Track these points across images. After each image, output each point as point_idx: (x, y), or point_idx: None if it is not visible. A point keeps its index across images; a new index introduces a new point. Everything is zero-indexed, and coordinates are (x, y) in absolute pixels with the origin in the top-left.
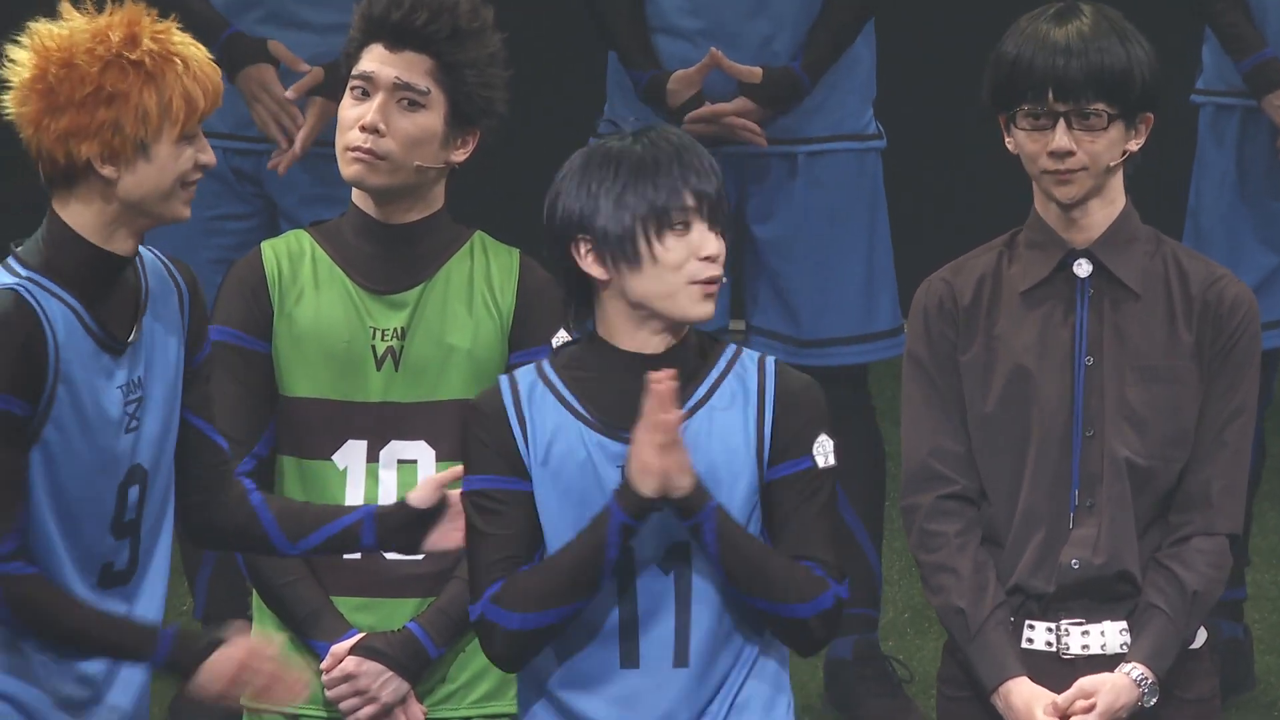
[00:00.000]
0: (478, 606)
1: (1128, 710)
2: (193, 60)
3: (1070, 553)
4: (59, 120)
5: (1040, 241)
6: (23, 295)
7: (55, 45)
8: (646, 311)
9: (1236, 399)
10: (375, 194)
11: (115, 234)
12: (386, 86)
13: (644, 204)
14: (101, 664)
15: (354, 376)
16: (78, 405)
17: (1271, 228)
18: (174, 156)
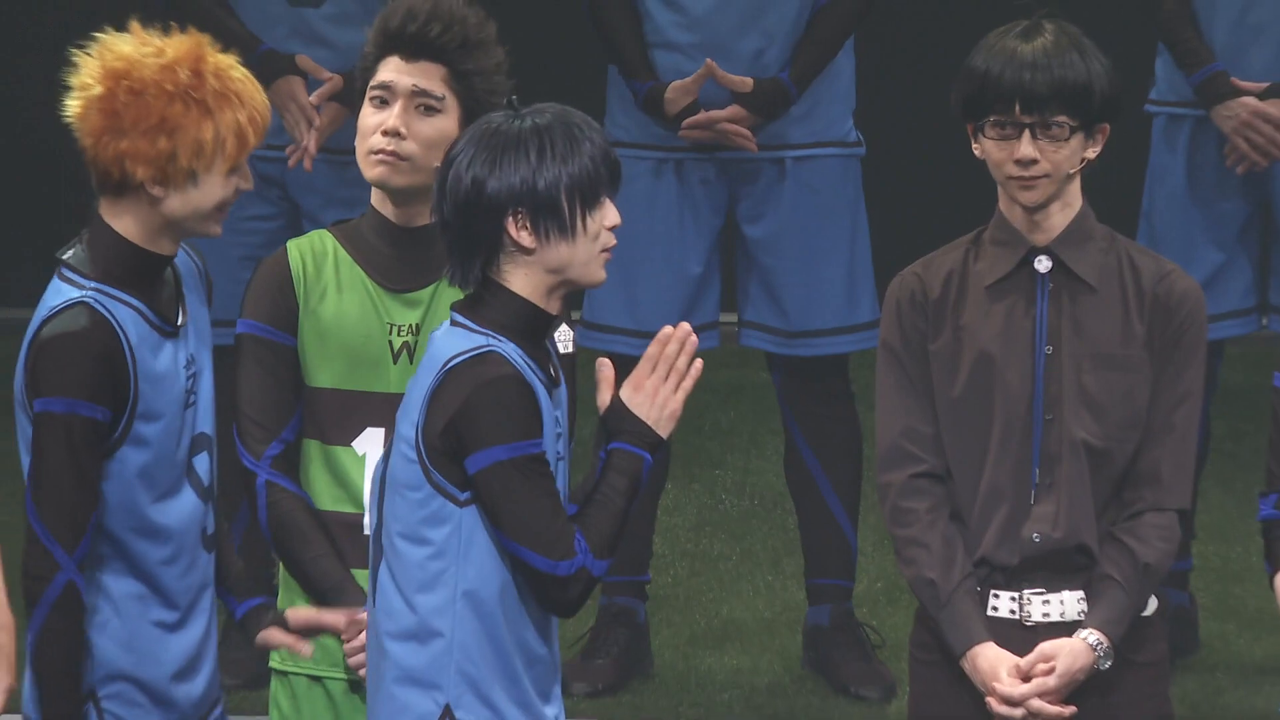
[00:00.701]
0: (577, 560)
1: (1085, 672)
2: (248, 97)
3: (1032, 527)
4: (119, 141)
5: (1004, 239)
6: (94, 307)
7: (123, 69)
8: (559, 278)
9: (1184, 385)
10: (396, 194)
11: (159, 240)
12: (405, 94)
13: (577, 179)
14: (199, 636)
15: (372, 369)
16: (157, 395)
17: (1219, 228)
18: (220, 185)
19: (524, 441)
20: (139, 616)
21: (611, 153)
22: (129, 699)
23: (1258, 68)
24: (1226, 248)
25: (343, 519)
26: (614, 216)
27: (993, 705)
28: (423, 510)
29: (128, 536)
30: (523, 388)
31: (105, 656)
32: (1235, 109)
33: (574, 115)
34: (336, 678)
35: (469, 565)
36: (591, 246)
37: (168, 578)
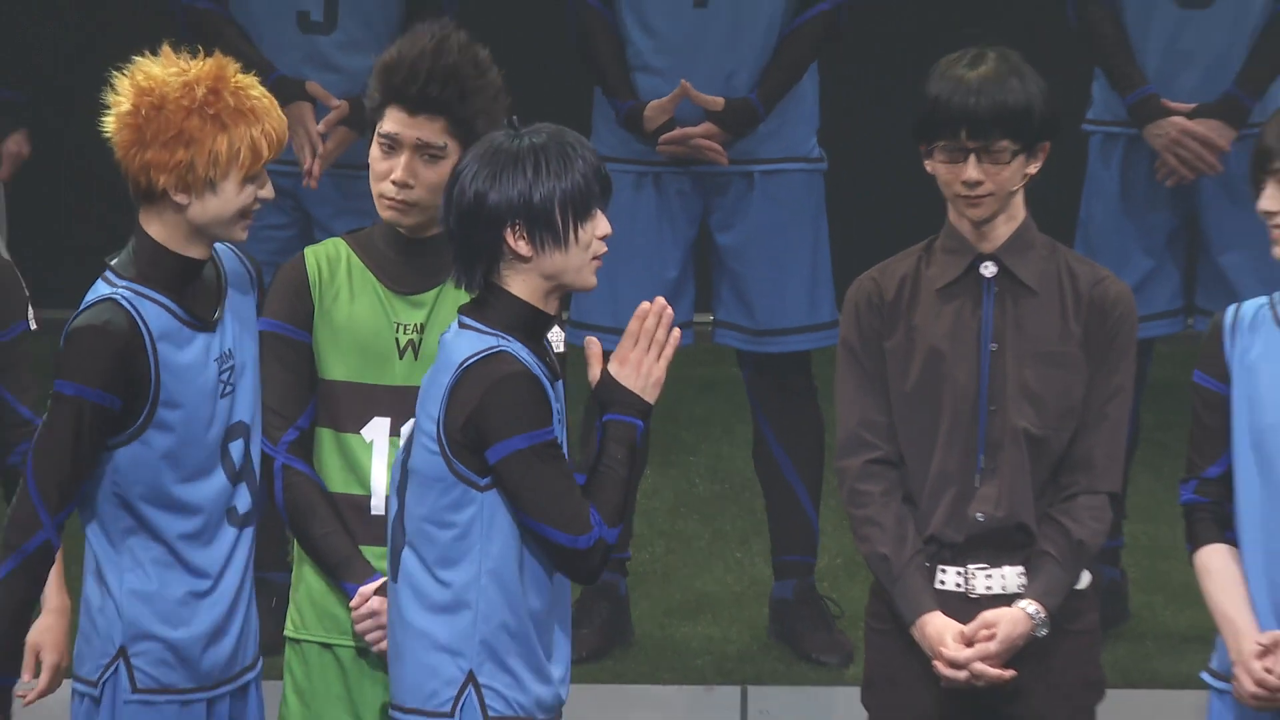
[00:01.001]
0: (594, 533)
1: (1023, 639)
2: (264, 114)
3: (976, 508)
4: (144, 153)
5: (953, 247)
6: (120, 303)
7: (149, 87)
8: (554, 284)
9: (1116, 380)
10: (407, 229)
11: (190, 244)
12: (410, 146)
13: (570, 193)
14: (227, 604)
15: (380, 364)
16: (183, 387)
17: (1149, 237)
18: (237, 193)
19: (538, 430)
20: (167, 583)
21: (603, 169)
22: (157, 658)
23: (1186, 90)
24: (1156, 255)
25: (351, 500)
26: (605, 227)
27: (939, 669)
28: (447, 497)
29: (150, 511)
30: (533, 382)
31: (134, 617)
32: (1165, 128)
33: (568, 135)
34: (345, 645)
35: (492, 544)
36: (583, 255)
37: (190, 549)
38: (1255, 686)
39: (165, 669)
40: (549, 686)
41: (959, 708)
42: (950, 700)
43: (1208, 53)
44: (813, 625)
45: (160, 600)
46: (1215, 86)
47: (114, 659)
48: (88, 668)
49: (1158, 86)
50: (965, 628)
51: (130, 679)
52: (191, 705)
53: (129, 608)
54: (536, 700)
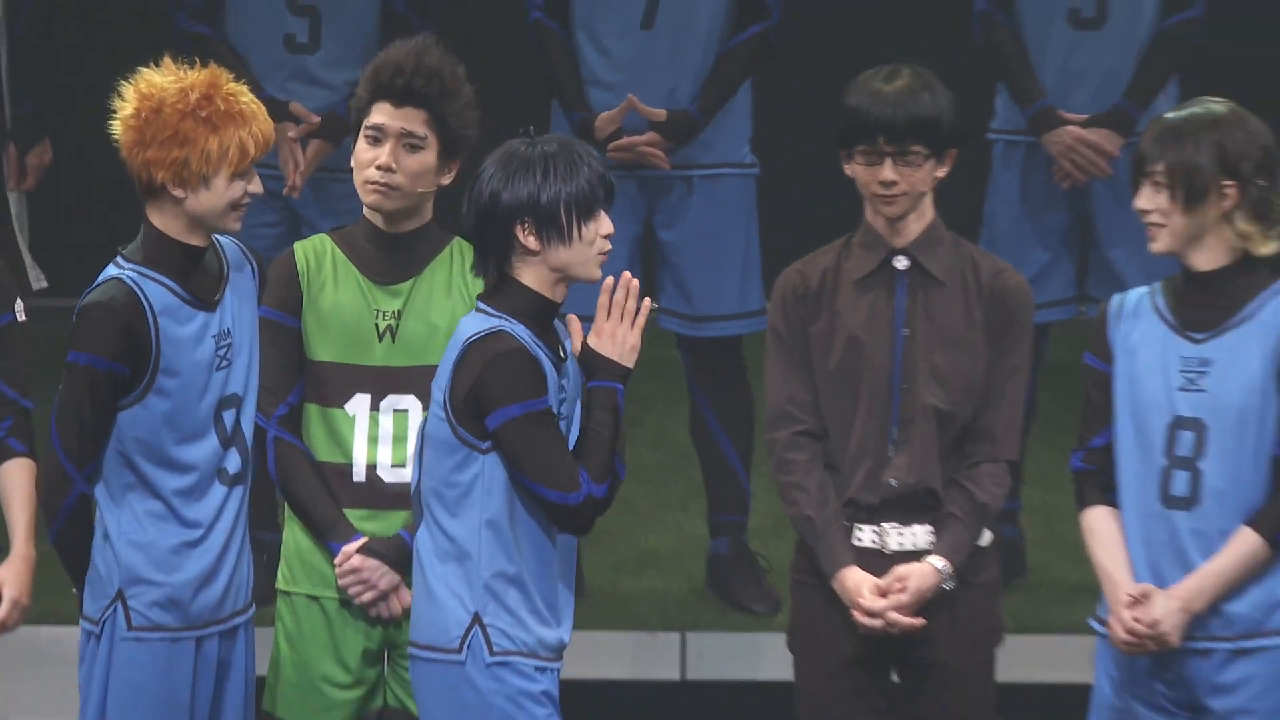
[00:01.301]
0: (583, 490)
1: (932, 591)
2: (251, 118)
3: (890, 474)
4: (144, 152)
5: (870, 242)
6: (125, 282)
7: (150, 92)
8: (560, 275)
9: (1014, 361)
10: (387, 214)
11: (189, 233)
12: (394, 135)
13: (575, 195)
14: (215, 554)
15: (362, 346)
16: (180, 356)
17: (1046, 233)
18: (227, 187)
19: (533, 400)
20: (160, 534)
21: (607, 175)
22: (150, 600)
23: (1079, 103)
24: (1052, 249)
25: (336, 468)
26: (607, 226)
27: (857, 618)
28: (452, 459)
29: (148, 468)
30: (527, 357)
31: (130, 564)
32: (1061, 136)
33: (577, 145)
34: (330, 597)
35: (491, 501)
36: (587, 250)
37: (182, 504)
38: (1125, 634)
39: (158, 610)
40: (550, 629)
41: (874, 652)
42: (866, 645)
43: (1099, 70)
44: (745, 578)
45: (154, 549)
46: (1105, 99)
47: (113, 601)
48: (92, 608)
49: (1054, 99)
50: (880, 581)
51: (126, 618)
52: (181, 643)
53: (126, 555)
54: (539, 639)
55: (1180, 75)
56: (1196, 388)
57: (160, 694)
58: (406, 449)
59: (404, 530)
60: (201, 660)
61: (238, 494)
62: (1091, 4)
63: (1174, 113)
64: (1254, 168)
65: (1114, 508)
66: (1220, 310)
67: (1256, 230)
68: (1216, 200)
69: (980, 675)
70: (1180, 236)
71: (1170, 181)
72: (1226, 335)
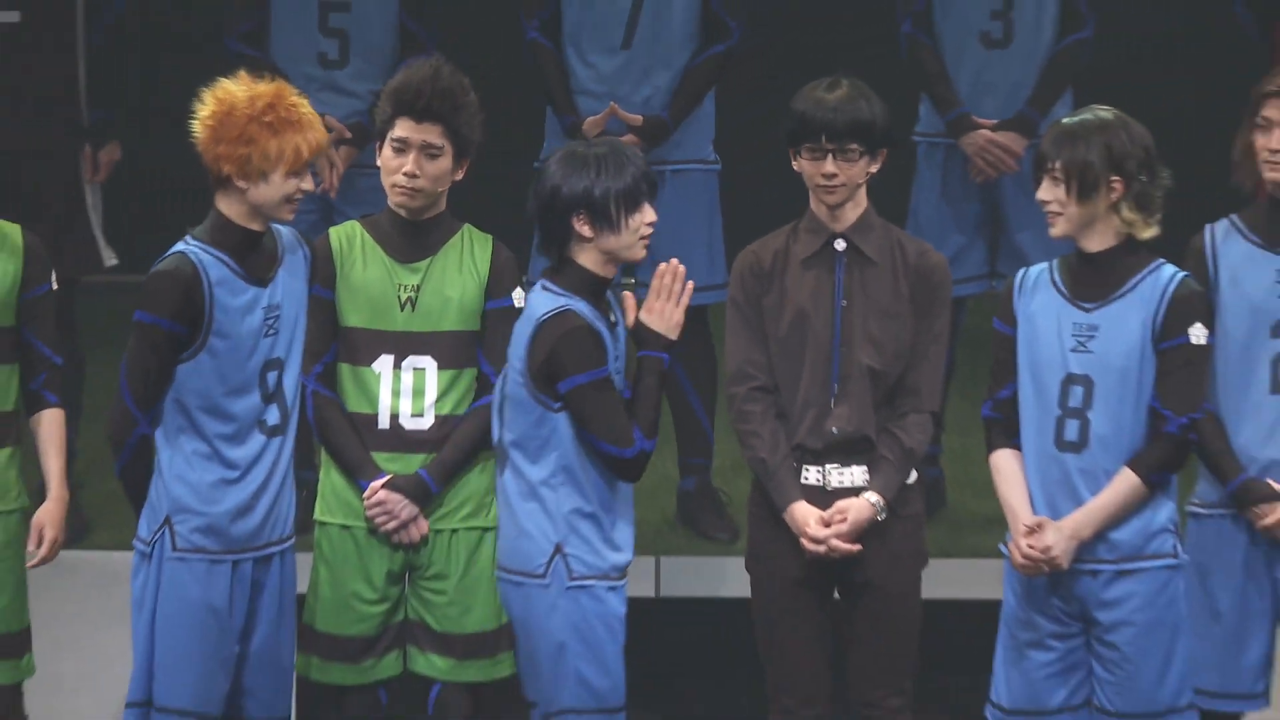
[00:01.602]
0: (637, 445)
1: (868, 522)
2: (307, 126)
3: (832, 423)
4: (216, 148)
5: (814, 228)
6: (188, 255)
7: (224, 98)
8: (610, 257)
9: (936, 327)
10: (411, 212)
11: (249, 220)
12: (417, 146)
13: (622, 190)
14: (253, 490)
15: (386, 314)
16: (230, 322)
17: (962, 220)
18: (282, 184)
19: (595, 369)
20: (204, 471)
21: (650, 173)
22: (193, 526)
23: (990, 110)
24: (968, 234)
25: (364, 417)
26: (650, 215)
27: (804, 544)
28: (531, 416)
29: (199, 414)
30: (591, 333)
31: (176, 494)
32: (975, 138)
33: (625, 148)
34: (360, 526)
35: (564, 449)
36: (633, 236)
37: (225, 447)
38: (1023, 558)
39: (198, 535)
40: (619, 553)
41: (818, 573)
42: (812, 568)
43: (1005, 82)
44: (709, 511)
45: (198, 484)
46: (1011, 107)
47: (161, 525)
48: (144, 531)
49: (969, 107)
50: (823, 513)
51: (172, 541)
52: (218, 565)
53: (174, 488)
54: (610, 564)
55: (1074, 86)
56: (1086, 349)
57: (199, 605)
58: (424, 401)
59: (422, 469)
60: (237, 579)
61: (276, 443)
62: (999, 27)
63: (1069, 118)
64: (1137, 165)
65: (1017, 450)
66: (1107, 285)
67: (1139, 218)
68: (1105, 193)
69: (908, 593)
70: (1075, 223)
71: (1066, 177)
72: (1112, 305)
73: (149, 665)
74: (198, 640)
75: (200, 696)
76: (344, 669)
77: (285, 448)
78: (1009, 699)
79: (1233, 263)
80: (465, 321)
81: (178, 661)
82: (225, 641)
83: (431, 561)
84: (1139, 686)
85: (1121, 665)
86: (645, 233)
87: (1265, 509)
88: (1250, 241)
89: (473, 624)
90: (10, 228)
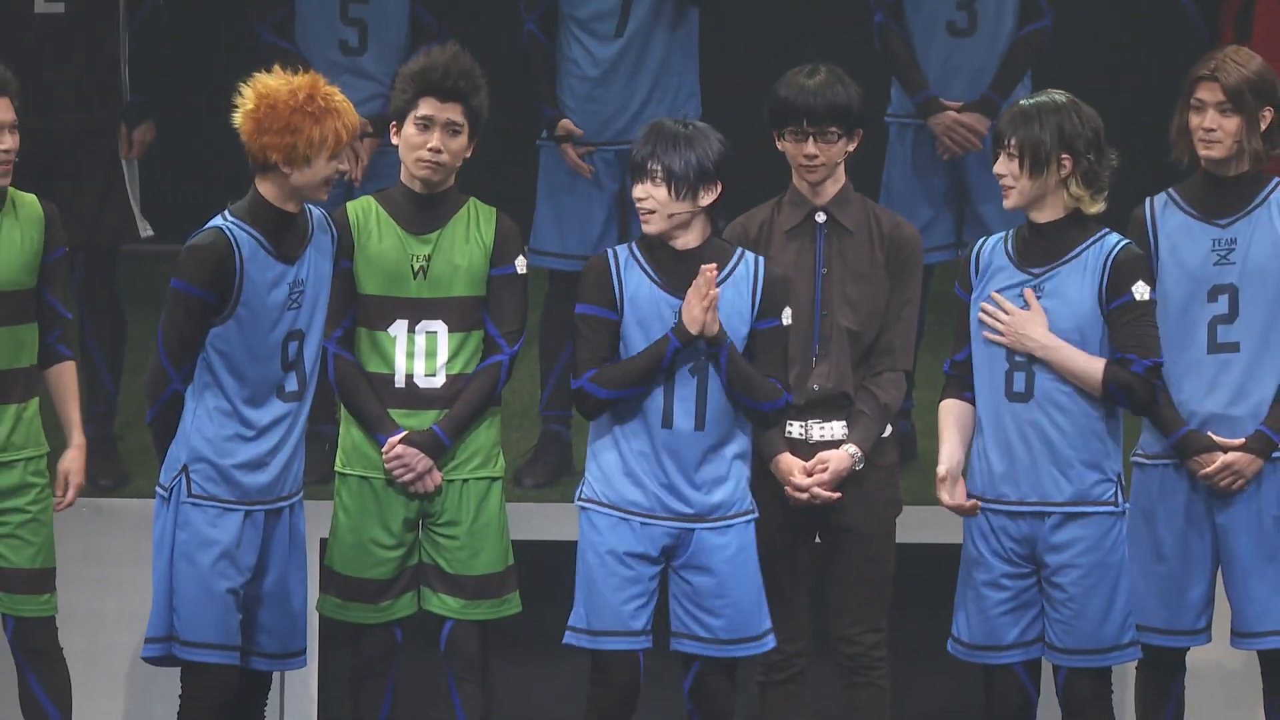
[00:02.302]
0: (579, 381)
1: (847, 471)
2: (344, 112)
3: (813, 381)
4: (262, 138)
5: (796, 201)
6: (224, 230)
7: (265, 92)
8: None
9: (908, 293)
10: (431, 184)
11: (286, 202)
12: (441, 124)
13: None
14: (268, 447)
15: (400, 282)
16: (257, 295)
17: (931, 195)
18: (324, 166)
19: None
20: (222, 425)
21: (634, 155)
22: (208, 475)
23: (956, 93)
24: (935, 207)
25: (381, 377)
26: (639, 192)
27: (789, 492)
28: None
29: (224, 375)
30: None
31: (195, 445)
32: (943, 119)
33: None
34: (377, 477)
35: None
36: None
37: (244, 407)
38: (943, 502)
39: (212, 484)
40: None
41: (801, 519)
42: (795, 513)
43: (970, 67)
44: None
45: (215, 437)
46: (976, 90)
47: (180, 472)
48: (165, 477)
49: (937, 90)
50: (806, 464)
51: (188, 487)
52: (229, 513)
53: (193, 438)
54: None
55: (1033, 71)
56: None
57: (211, 546)
58: (436, 362)
59: (436, 425)
60: (249, 527)
61: (293, 407)
62: (965, 17)
63: (1025, 100)
64: (1085, 145)
65: (964, 401)
66: (1054, 253)
67: (1086, 194)
68: (1055, 169)
69: (883, 536)
70: (1026, 196)
71: (1020, 153)
72: (1059, 271)
73: (169, 602)
74: (215, 578)
75: (220, 629)
76: (363, 609)
77: (301, 413)
78: (968, 634)
79: (1170, 232)
80: (473, 287)
81: (198, 599)
82: (237, 579)
83: (444, 509)
84: (1085, 625)
85: (1068, 605)
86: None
87: (1205, 459)
88: (1187, 213)
89: (482, 566)
90: (28, 198)
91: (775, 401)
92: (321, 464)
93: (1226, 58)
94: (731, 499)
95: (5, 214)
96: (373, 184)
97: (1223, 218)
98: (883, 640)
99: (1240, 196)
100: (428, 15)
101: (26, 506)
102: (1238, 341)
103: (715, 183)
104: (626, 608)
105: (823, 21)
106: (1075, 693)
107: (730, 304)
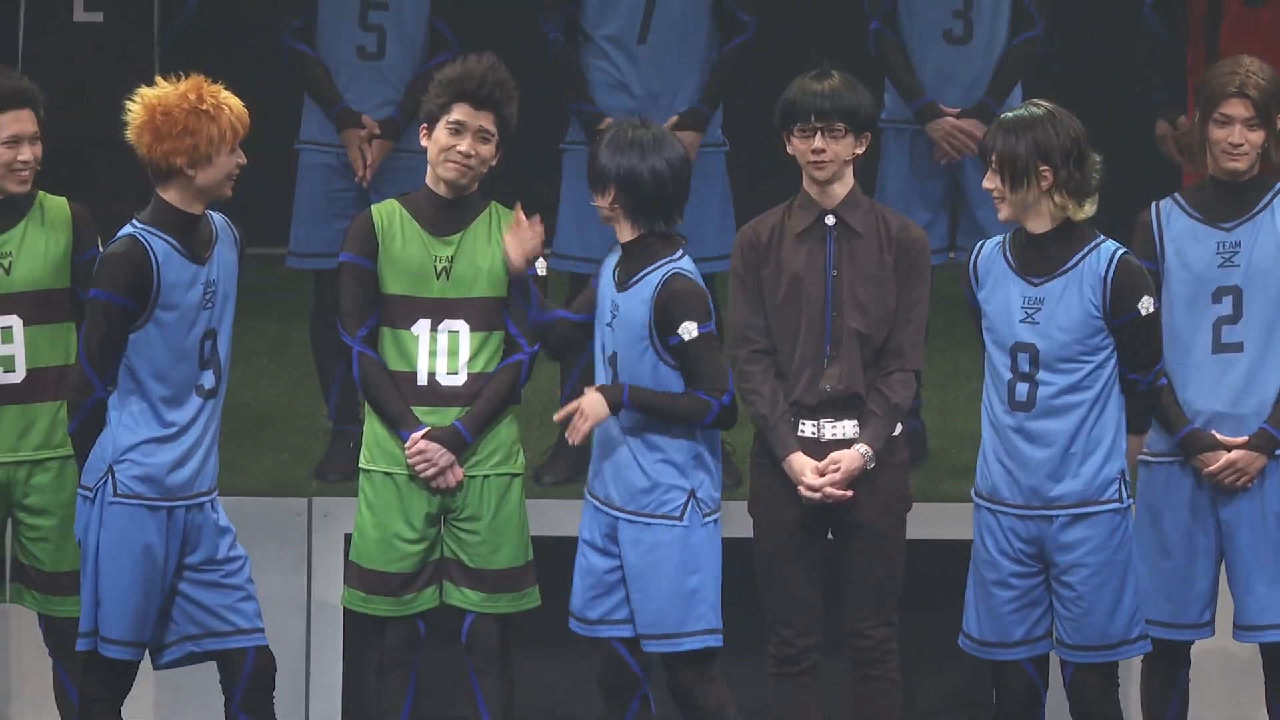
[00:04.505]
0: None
1: (859, 471)
2: (235, 108)
3: (825, 381)
4: (162, 145)
5: (806, 204)
6: (137, 237)
7: (156, 101)
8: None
9: (916, 294)
10: (458, 187)
11: (191, 204)
12: (473, 130)
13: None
14: (187, 447)
15: (423, 283)
16: (174, 297)
17: (927, 198)
18: (227, 162)
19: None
20: (144, 426)
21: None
22: (132, 474)
23: (952, 99)
24: (932, 210)
25: (403, 375)
26: (598, 201)
27: (801, 491)
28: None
29: (145, 378)
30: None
31: (119, 445)
32: (940, 124)
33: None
34: (401, 473)
35: None
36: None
37: (164, 408)
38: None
39: (137, 483)
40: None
41: (813, 517)
42: (808, 512)
43: (966, 74)
44: None
45: (139, 439)
46: (972, 96)
47: (105, 473)
48: (89, 479)
49: (933, 97)
50: (819, 464)
51: (113, 487)
52: (156, 511)
53: (118, 439)
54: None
55: (1030, 75)
56: (1033, 320)
57: (135, 545)
58: (458, 360)
59: (457, 422)
60: (171, 524)
61: (210, 404)
62: (960, 25)
63: (1007, 115)
64: (1063, 155)
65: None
66: (1050, 262)
67: (1072, 202)
68: (1036, 181)
69: (894, 533)
70: (1015, 208)
71: (1000, 167)
72: (1055, 280)
73: (95, 599)
74: (137, 577)
75: (134, 627)
76: (386, 602)
77: (217, 409)
78: (978, 631)
79: (1176, 235)
80: (494, 288)
81: (118, 596)
82: (157, 578)
83: (465, 505)
84: (1094, 622)
85: (1077, 603)
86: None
87: (1209, 457)
88: (1192, 217)
89: (502, 561)
90: (58, 200)
91: (711, 411)
92: (348, 462)
93: (1249, 72)
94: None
95: (32, 218)
96: (391, 188)
97: (1227, 221)
98: (894, 634)
99: (1244, 200)
100: (443, 25)
101: (60, 509)
102: (1241, 342)
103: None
104: (584, 595)
105: (822, 21)
106: (1083, 687)
107: (634, 315)
